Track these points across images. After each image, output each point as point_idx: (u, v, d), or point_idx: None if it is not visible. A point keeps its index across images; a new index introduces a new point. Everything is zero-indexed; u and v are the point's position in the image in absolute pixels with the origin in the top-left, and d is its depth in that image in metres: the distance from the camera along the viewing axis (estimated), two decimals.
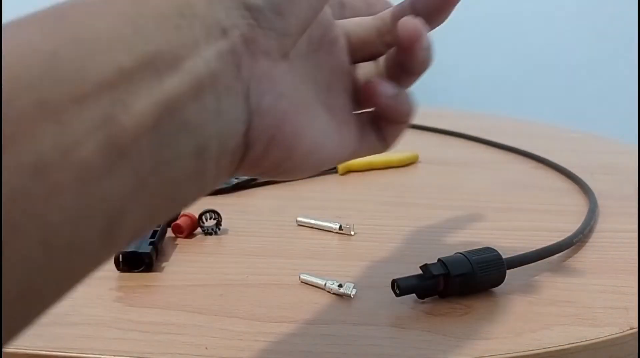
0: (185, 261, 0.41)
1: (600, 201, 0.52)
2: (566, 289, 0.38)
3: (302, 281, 0.38)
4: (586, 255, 0.43)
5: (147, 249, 0.39)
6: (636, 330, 0.34)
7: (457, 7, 0.29)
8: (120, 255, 0.39)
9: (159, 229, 0.42)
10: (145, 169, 0.18)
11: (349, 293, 0.36)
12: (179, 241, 0.44)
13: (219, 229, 0.45)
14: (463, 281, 0.35)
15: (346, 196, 0.55)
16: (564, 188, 0.58)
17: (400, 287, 0.35)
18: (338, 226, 0.46)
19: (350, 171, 0.60)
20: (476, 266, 0.36)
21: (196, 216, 0.45)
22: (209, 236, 0.45)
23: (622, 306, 0.36)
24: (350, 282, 0.37)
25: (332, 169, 0.60)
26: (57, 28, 0.18)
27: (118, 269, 0.39)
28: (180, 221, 0.45)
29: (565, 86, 1.31)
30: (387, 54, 0.30)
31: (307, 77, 0.27)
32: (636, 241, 0.45)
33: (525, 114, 0.91)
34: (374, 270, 0.40)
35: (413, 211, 0.51)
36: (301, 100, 0.25)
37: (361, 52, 0.30)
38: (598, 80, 1.29)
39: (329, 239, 0.45)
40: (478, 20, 1.25)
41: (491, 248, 0.37)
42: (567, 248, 0.42)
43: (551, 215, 0.51)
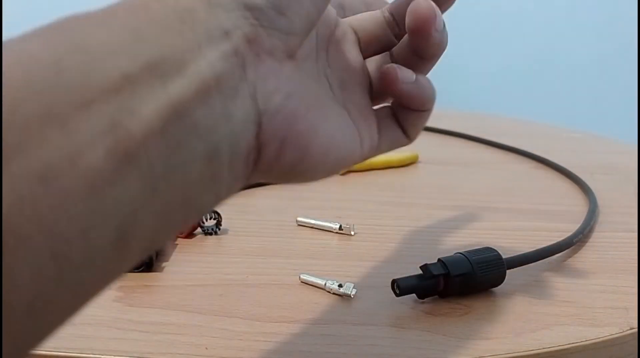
0: (185, 261, 0.41)
1: (600, 201, 0.52)
2: (566, 289, 0.38)
3: (302, 281, 0.38)
4: (586, 255, 0.43)
5: None
6: (636, 330, 0.34)
7: (457, 7, 0.29)
8: None
9: None
10: (156, 175, 0.18)
11: (349, 293, 0.36)
12: (179, 241, 0.44)
13: (219, 229, 0.45)
14: (463, 281, 0.35)
15: (346, 196, 0.55)
16: (564, 188, 0.58)
17: (400, 287, 0.35)
18: (338, 226, 0.46)
19: (350, 171, 0.60)
20: (476, 266, 0.36)
21: None
22: (209, 236, 0.45)
23: (622, 306, 0.36)
24: (350, 282, 0.37)
25: None
26: (59, 38, 0.18)
27: None
28: None
29: (565, 86, 1.31)
30: (398, 45, 0.30)
31: (319, 76, 0.26)
32: (636, 241, 0.45)
33: (525, 114, 0.91)
34: (374, 270, 0.40)
35: (413, 211, 0.51)
36: (313, 99, 0.24)
37: (372, 45, 0.30)
38: (598, 80, 1.29)
39: (329, 239, 0.45)
40: (478, 21, 1.25)
41: (491, 248, 0.37)
42: (567, 248, 0.42)
43: (551, 215, 0.51)
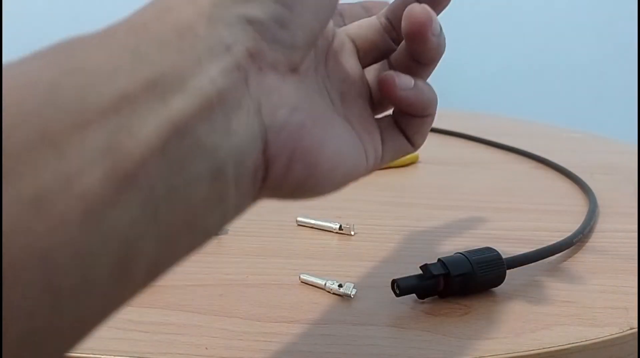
0: (185, 261, 0.41)
1: (600, 201, 0.52)
2: (566, 289, 0.38)
3: (302, 281, 0.38)
4: (586, 255, 0.43)
5: None
6: (636, 330, 0.34)
7: (457, 7, 0.29)
8: None
9: None
10: (157, 197, 0.17)
11: (349, 293, 0.36)
12: None
13: None
14: (463, 281, 0.35)
15: (346, 196, 0.55)
16: (564, 188, 0.58)
17: (400, 287, 0.35)
18: (338, 226, 0.46)
19: None
20: (476, 266, 0.36)
21: None
22: None
23: (622, 307, 0.36)
24: (350, 282, 0.37)
25: None
26: (56, 60, 0.17)
27: None
28: None
29: (565, 86, 1.31)
30: (396, 52, 0.29)
31: (320, 89, 0.26)
32: (636, 241, 0.45)
33: (525, 114, 0.91)
34: (374, 270, 0.40)
35: (413, 211, 0.51)
36: (317, 113, 0.24)
37: (370, 53, 0.30)
38: (598, 80, 1.29)
39: (329, 239, 0.45)
40: (478, 21, 1.25)
41: (491, 248, 0.37)
42: (567, 248, 0.42)
43: (551, 215, 0.51)
